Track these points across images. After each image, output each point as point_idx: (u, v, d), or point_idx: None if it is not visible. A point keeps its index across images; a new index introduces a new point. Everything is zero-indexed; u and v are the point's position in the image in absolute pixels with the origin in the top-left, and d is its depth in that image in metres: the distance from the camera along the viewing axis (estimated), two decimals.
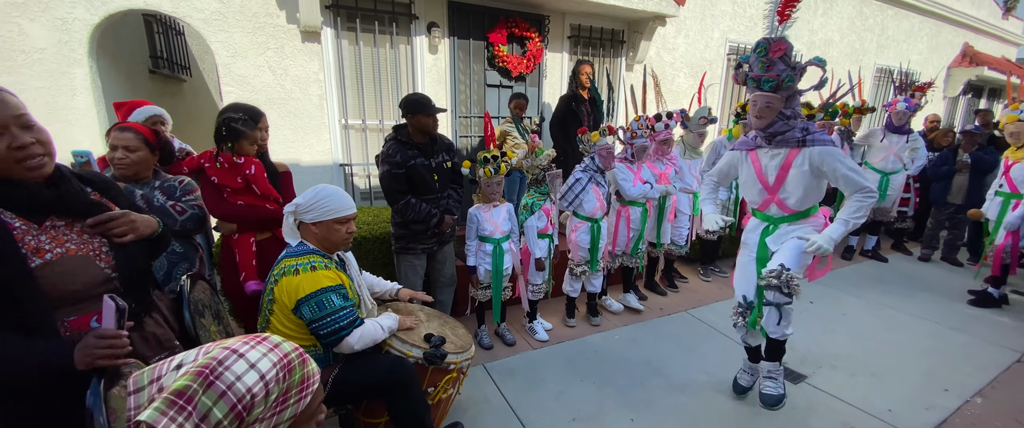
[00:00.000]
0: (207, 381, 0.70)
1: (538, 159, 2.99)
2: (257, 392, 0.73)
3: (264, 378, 0.74)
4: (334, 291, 1.73)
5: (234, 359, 0.73)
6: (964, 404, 2.66)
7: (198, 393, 0.68)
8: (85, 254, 1.23)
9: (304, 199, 1.77)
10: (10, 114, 1.07)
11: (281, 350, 0.80)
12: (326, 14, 3.74)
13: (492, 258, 2.93)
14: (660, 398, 2.66)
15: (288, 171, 2.74)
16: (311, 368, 0.84)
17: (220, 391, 0.70)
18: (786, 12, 2.05)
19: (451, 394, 2.12)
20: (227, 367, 0.72)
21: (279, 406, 0.78)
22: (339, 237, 1.81)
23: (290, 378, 0.79)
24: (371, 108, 4.18)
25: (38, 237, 1.16)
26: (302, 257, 1.75)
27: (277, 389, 0.76)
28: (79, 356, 1.11)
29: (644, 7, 4.60)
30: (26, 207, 1.16)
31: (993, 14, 9.50)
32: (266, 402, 0.75)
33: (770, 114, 2.09)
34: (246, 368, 0.73)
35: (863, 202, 2.11)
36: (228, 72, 3.53)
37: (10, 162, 1.08)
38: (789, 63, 2.02)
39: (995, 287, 3.97)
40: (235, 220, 2.35)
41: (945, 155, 4.97)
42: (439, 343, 1.94)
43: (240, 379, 0.72)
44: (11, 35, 3.02)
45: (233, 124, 2.20)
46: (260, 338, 0.80)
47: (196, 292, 1.66)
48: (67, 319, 1.22)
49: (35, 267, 1.13)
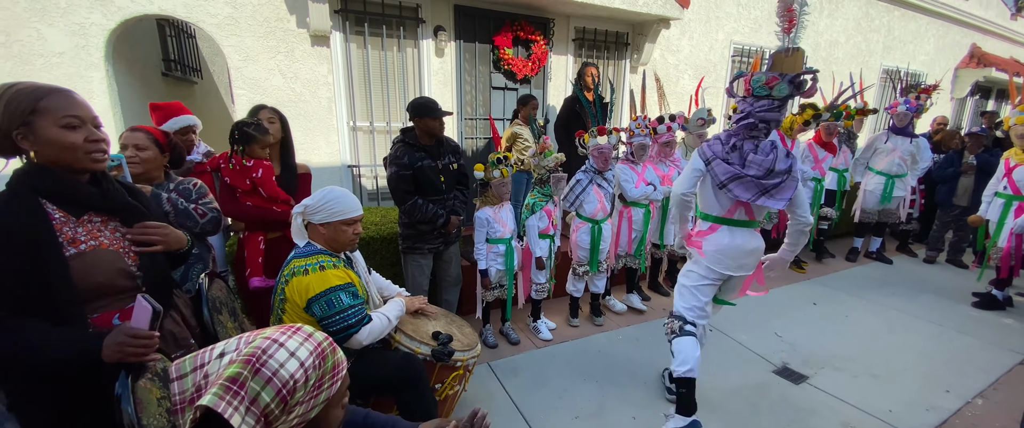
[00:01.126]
0: (255, 368, 0.76)
1: (546, 160, 3.05)
2: (298, 378, 0.80)
3: (304, 365, 0.81)
4: (343, 289, 1.79)
5: (276, 348, 0.80)
6: (965, 405, 2.68)
7: (248, 379, 0.75)
8: (116, 250, 1.31)
9: (312, 201, 1.83)
10: (89, 114, 1.24)
11: (315, 339, 0.87)
12: (335, 18, 3.81)
13: (505, 258, 2.98)
14: (662, 397, 2.70)
15: (308, 172, 2.78)
16: (340, 356, 0.91)
17: (267, 377, 0.77)
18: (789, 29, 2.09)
19: (458, 390, 2.17)
20: (271, 355, 0.79)
21: (316, 390, 0.85)
22: (346, 238, 1.86)
23: (324, 365, 0.86)
24: (379, 110, 4.25)
25: (75, 229, 1.25)
26: (311, 257, 1.81)
27: (314, 375, 0.83)
28: (108, 350, 1.18)
29: (648, 10, 4.64)
30: (68, 200, 1.25)
31: (1001, 15, 9.44)
32: (305, 387, 0.82)
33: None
34: (287, 356, 0.80)
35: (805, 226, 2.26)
36: (240, 75, 3.61)
37: (81, 152, 1.21)
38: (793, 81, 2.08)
39: (999, 289, 3.97)
40: (243, 219, 2.46)
41: (951, 157, 4.97)
42: (446, 341, 1.99)
43: (284, 366, 0.79)
44: (30, 40, 3.10)
45: (244, 129, 2.30)
46: (295, 328, 0.87)
47: (213, 290, 1.73)
48: (91, 316, 1.28)
49: (69, 256, 1.21)
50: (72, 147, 1.19)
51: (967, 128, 9.04)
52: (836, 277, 4.70)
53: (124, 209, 1.35)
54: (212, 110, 6.15)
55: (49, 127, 1.17)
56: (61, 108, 1.18)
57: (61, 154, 1.19)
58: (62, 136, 1.18)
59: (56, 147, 1.18)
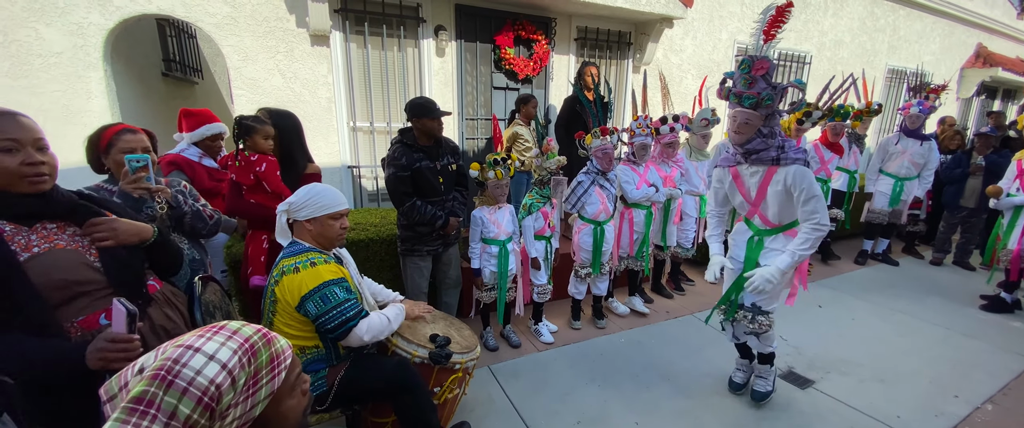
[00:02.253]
0: (165, 381, 0.70)
1: (548, 161, 3.01)
2: (222, 382, 0.74)
3: (226, 367, 0.75)
4: (337, 284, 1.75)
5: (190, 355, 0.74)
6: (974, 411, 2.62)
7: (158, 395, 0.69)
8: (74, 249, 1.28)
9: (296, 198, 1.79)
10: (29, 136, 1.21)
11: (241, 335, 0.80)
12: (335, 18, 3.78)
13: (498, 260, 2.95)
14: (665, 401, 2.65)
15: (318, 172, 2.71)
16: (279, 346, 0.84)
17: (181, 388, 0.71)
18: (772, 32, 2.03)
19: (457, 394, 2.14)
20: (184, 364, 0.72)
21: (250, 389, 0.79)
22: (334, 232, 1.83)
23: (256, 361, 0.80)
24: (379, 111, 4.22)
25: (28, 236, 1.23)
26: (300, 255, 1.77)
27: (244, 374, 0.77)
28: (91, 358, 1.15)
29: (651, 9, 4.59)
30: (13, 214, 1.23)
31: (1007, 14, 9.35)
32: (234, 389, 0.76)
33: (748, 131, 2.11)
34: (204, 361, 0.74)
35: (811, 235, 2.13)
36: (239, 75, 3.59)
37: (16, 177, 1.19)
38: (771, 82, 2.02)
39: (1008, 292, 3.91)
40: (246, 216, 2.44)
41: (959, 158, 4.90)
42: (444, 343, 1.96)
43: (200, 373, 0.72)
44: (28, 40, 3.09)
45: (244, 121, 2.28)
46: (217, 328, 0.80)
47: (207, 294, 1.69)
48: (76, 319, 1.26)
49: (23, 260, 1.19)
50: (5, 171, 1.17)
51: (973, 128, 8.96)
52: (841, 279, 4.65)
53: (74, 213, 1.32)
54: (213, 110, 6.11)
55: None
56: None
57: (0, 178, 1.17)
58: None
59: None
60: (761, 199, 2.26)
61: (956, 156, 4.95)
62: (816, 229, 2.12)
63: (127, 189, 1.79)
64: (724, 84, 2.14)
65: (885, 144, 4.74)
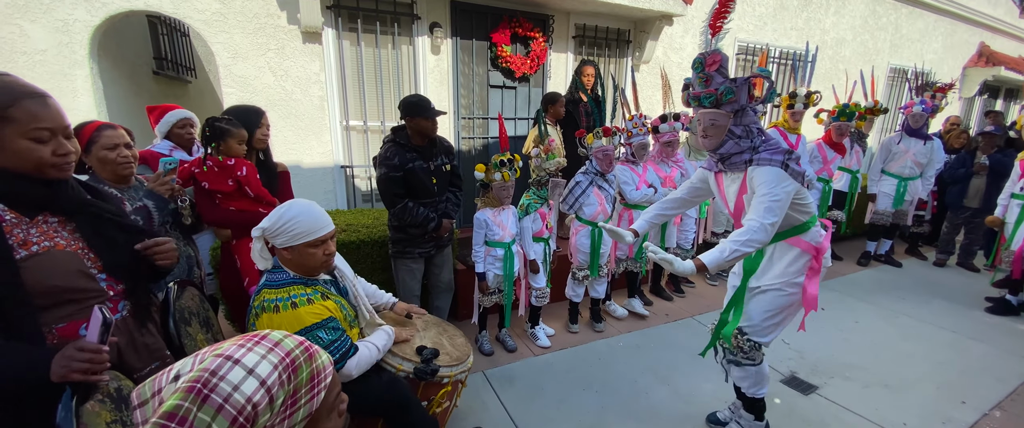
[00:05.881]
0: (201, 395, 0.64)
1: (548, 162, 2.93)
2: (259, 400, 0.67)
3: (265, 383, 0.68)
4: (321, 328, 1.56)
5: (229, 367, 0.67)
6: (982, 417, 2.56)
7: (192, 411, 0.63)
8: (73, 251, 1.21)
9: (270, 222, 1.58)
10: (61, 124, 1.17)
11: (283, 348, 0.73)
12: (327, 14, 3.70)
13: (503, 263, 2.87)
14: (664, 408, 2.58)
15: (286, 171, 2.68)
16: (321, 362, 0.77)
17: (217, 405, 0.65)
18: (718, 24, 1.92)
19: (447, 407, 2.05)
20: (222, 377, 0.66)
21: (288, 409, 0.72)
22: (316, 261, 1.61)
23: (297, 378, 0.73)
24: (373, 109, 4.14)
25: (28, 230, 1.16)
26: (281, 289, 1.56)
27: (283, 392, 0.70)
28: (56, 366, 1.07)
29: (651, 6, 4.52)
30: (19, 201, 1.17)
31: (1010, 13, 9.27)
32: (272, 409, 0.69)
33: (717, 132, 1.91)
34: (243, 375, 0.67)
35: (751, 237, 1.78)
36: (229, 73, 3.51)
37: (47, 165, 1.15)
38: (726, 75, 1.86)
39: (1013, 294, 3.84)
40: (228, 226, 2.31)
41: (962, 157, 4.83)
42: (430, 357, 1.86)
43: (238, 389, 0.66)
44: (12, 37, 3.01)
45: (216, 123, 2.13)
46: (258, 337, 0.73)
47: (184, 299, 1.62)
48: (56, 326, 1.19)
49: (19, 258, 1.11)
50: (37, 161, 1.13)
51: (975, 128, 8.89)
52: (844, 281, 4.57)
53: (81, 210, 1.25)
54: (207, 110, 6.05)
55: (15, 137, 1.10)
56: (32, 119, 1.11)
57: (23, 164, 1.13)
58: (28, 149, 1.11)
59: (19, 158, 1.12)
60: (740, 212, 2.03)
61: (960, 156, 4.88)
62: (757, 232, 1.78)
63: (159, 190, 1.91)
64: (686, 90, 1.98)
65: (887, 144, 4.66)
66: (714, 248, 1.85)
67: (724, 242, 1.84)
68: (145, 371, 1.35)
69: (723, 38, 1.87)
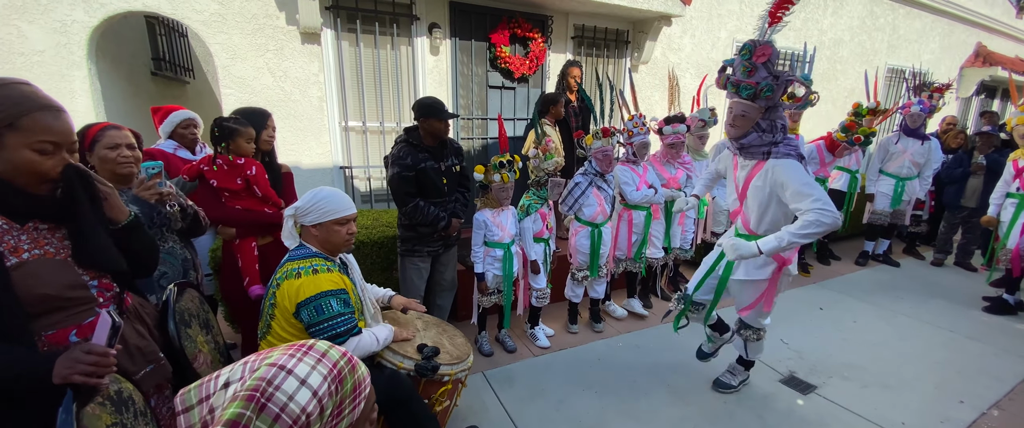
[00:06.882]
0: (260, 404, 0.66)
1: (546, 162, 2.93)
2: (312, 411, 0.70)
3: (317, 394, 0.71)
4: (334, 295, 1.70)
5: (283, 377, 0.69)
6: (980, 417, 2.57)
7: (252, 420, 0.65)
8: (63, 259, 1.21)
9: (303, 202, 1.76)
10: (68, 139, 1.17)
11: (330, 359, 0.76)
12: (326, 15, 3.70)
13: (503, 263, 2.87)
14: (664, 408, 2.58)
15: (290, 172, 2.71)
16: (361, 373, 0.80)
17: (274, 414, 0.67)
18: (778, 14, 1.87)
19: (447, 406, 2.06)
20: (277, 387, 0.68)
21: (334, 419, 0.74)
22: (340, 238, 1.79)
23: (342, 389, 0.75)
24: (371, 110, 4.14)
25: (18, 237, 1.15)
26: (305, 260, 1.74)
27: (331, 403, 0.73)
28: (60, 367, 1.07)
29: (649, 7, 4.52)
30: (11, 208, 1.16)
31: (1007, 13, 9.31)
32: (322, 419, 0.72)
33: (744, 124, 1.92)
34: (297, 385, 0.69)
35: (813, 221, 1.81)
36: (227, 74, 3.50)
37: (42, 178, 1.15)
38: (772, 71, 1.83)
39: (1010, 293, 3.85)
40: (233, 224, 2.33)
41: (960, 157, 4.84)
42: (431, 354, 1.88)
43: (293, 399, 0.68)
44: (10, 38, 3.00)
45: (225, 123, 2.18)
46: (305, 348, 0.76)
47: (184, 301, 1.62)
48: (45, 333, 1.18)
49: (10, 266, 1.11)
50: (37, 173, 1.13)
51: (973, 128, 8.92)
52: (842, 281, 4.59)
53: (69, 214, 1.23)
54: (206, 111, 6.00)
55: (19, 147, 1.09)
56: (42, 130, 1.10)
57: (19, 175, 1.12)
58: (31, 161, 1.11)
59: (21, 169, 1.11)
60: (744, 195, 2.10)
61: (957, 155, 4.90)
62: (821, 214, 1.79)
63: (142, 195, 1.84)
64: (723, 72, 1.98)
65: (885, 144, 4.67)
66: (771, 236, 1.93)
67: (782, 232, 1.92)
68: (139, 375, 1.34)
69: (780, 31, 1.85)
